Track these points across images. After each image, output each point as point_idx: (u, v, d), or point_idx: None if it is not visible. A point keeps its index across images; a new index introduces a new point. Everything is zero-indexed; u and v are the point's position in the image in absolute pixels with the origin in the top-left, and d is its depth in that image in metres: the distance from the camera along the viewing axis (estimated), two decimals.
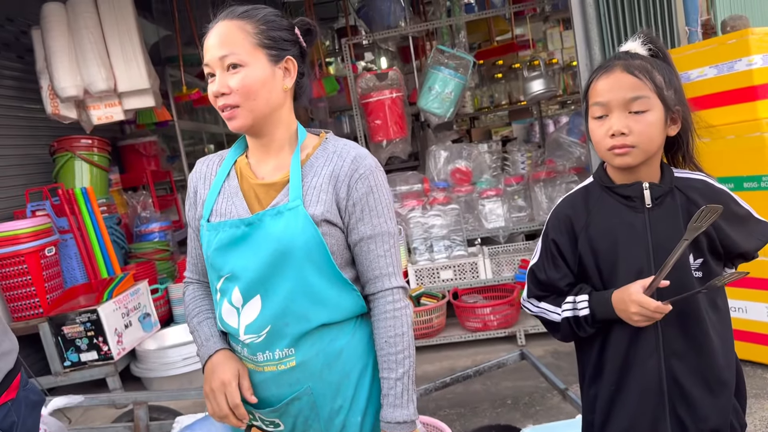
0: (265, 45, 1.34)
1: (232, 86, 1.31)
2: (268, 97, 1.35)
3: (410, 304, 1.41)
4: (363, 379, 1.40)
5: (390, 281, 1.37)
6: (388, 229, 1.38)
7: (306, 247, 1.31)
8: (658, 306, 1.26)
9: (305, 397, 1.37)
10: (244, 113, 1.33)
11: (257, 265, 1.31)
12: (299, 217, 1.31)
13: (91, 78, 4.17)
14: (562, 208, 1.46)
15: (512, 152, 4.91)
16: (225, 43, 1.31)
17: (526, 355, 3.06)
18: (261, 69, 1.33)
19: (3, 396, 1.41)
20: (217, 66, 1.32)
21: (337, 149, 1.40)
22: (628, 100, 1.31)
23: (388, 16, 5.14)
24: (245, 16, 1.34)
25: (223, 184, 1.43)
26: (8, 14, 4.86)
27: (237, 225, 1.34)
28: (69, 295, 4.04)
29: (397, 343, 1.35)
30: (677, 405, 1.35)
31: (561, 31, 7.94)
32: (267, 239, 1.31)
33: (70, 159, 4.60)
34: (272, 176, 1.39)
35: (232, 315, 1.36)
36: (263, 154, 1.42)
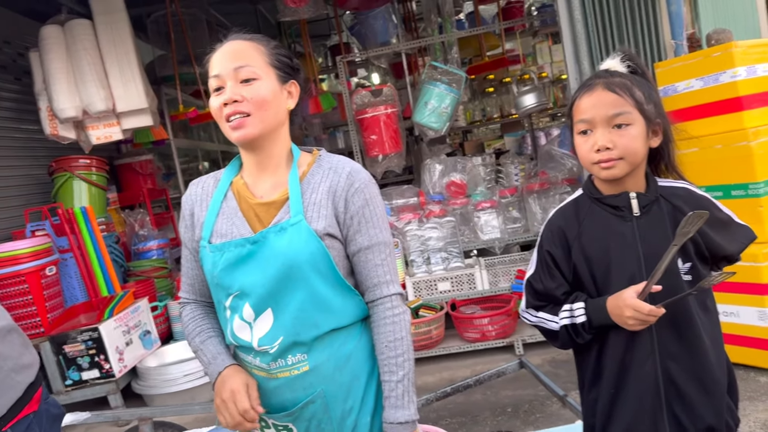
0: (275, 65, 1.42)
1: (246, 95, 1.37)
2: (276, 112, 1.42)
3: (408, 310, 1.48)
4: (371, 380, 1.47)
5: (388, 288, 1.44)
6: (384, 239, 1.44)
7: (312, 260, 1.36)
8: (651, 309, 1.32)
9: (319, 400, 1.42)
10: (255, 122, 1.38)
11: (266, 280, 1.36)
12: (302, 231, 1.37)
13: (90, 99, 4.23)
14: (555, 220, 1.53)
15: (506, 164, 4.99)
16: (240, 56, 1.39)
17: (524, 363, 3.11)
18: (271, 83, 1.40)
19: (25, 409, 1.45)
20: (230, 77, 1.37)
21: (332, 165, 1.46)
22: (611, 116, 1.38)
23: (382, 33, 5.23)
24: (257, 39, 1.44)
25: (221, 205, 1.46)
26: (5, 37, 4.92)
27: (242, 244, 1.38)
28: (70, 314, 4.07)
29: (396, 347, 1.41)
30: (674, 405, 1.41)
31: (550, 45, 8.09)
32: (273, 255, 1.36)
33: (68, 179, 4.65)
34: (271, 195, 1.44)
35: (245, 330, 1.41)
36: (260, 172, 1.47)
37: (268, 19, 7.95)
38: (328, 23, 8.08)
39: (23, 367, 1.49)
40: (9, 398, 1.42)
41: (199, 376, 4.01)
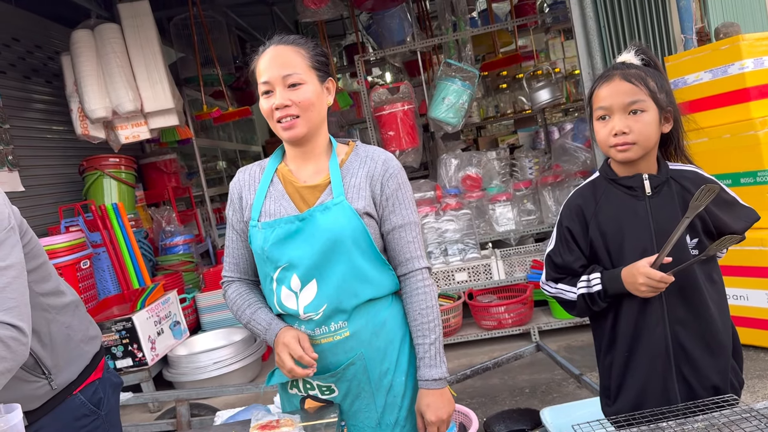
0: (315, 67, 1.58)
1: (295, 100, 1.53)
2: (320, 110, 1.59)
3: (434, 283, 1.67)
4: (404, 345, 1.65)
5: (419, 262, 1.62)
6: (414, 219, 1.62)
7: (353, 235, 1.54)
8: (662, 276, 1.46)
9: (358, 362, 1.59)
10: (303, 122, 1.55)
11: (312, 253, 1.53)
12: (345, 210, 1.54)
13: (119, 100, 4.41)
14: (574, 199, 1.67)
15: (520, 158, 5.11)
16: (287, 64, 1.54)
17: (541, 346, 3.24)
18: (315, 86, 1.57)
19: (92, 375, 1.61)
20: (279, 84, 1.54)
21: (368, 153, 1.64)
22: (627, 104, 1.52)
23: (397, 32, 5.37)
24: (298, 43, 1.59)
25: (269, 188, 1.63)
26: (36, 42, 5.12)
27: (291, 221, 1.55)
28: (103, 306, 4.25)
29: (428, 314, 1.59)
30: (682, 366, 1.55)
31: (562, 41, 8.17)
32: (319, 231, 1.53)
33: (99, 177, 4.84)
34: (314, 179, 1.62)
35: (291, 299, 1.57)
36: (303, 161, 1.64)
37: (283, 20, 8.12)
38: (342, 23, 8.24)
39: (91, 338, 1.65)
40: (78, 366, 1.58)
41: (227, 363, 4.18)
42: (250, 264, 1.70)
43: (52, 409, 1.52)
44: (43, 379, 1.49)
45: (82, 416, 1.57)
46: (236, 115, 5.65)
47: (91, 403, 1.59)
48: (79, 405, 1.57)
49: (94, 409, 1.59)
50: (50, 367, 1.50)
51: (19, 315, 1.31)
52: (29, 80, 4.91)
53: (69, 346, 1.56)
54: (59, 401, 1.53)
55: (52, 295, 1.55)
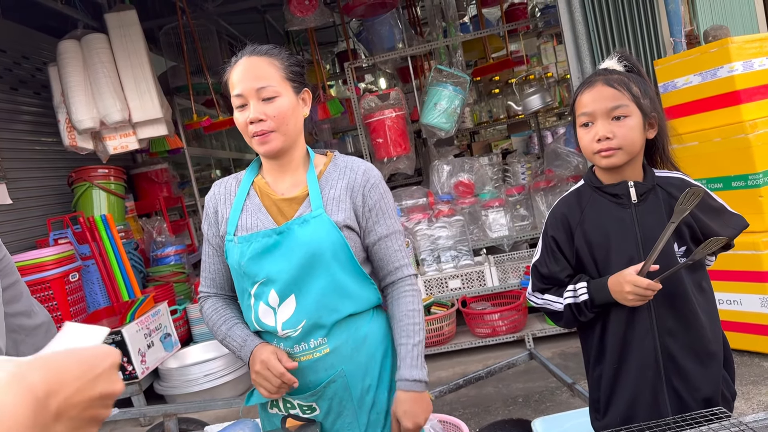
0: (290, 78, 1.54)
1: (269, 113, 1.49)
2: (296, 122, 1.55)
3: (420, 291, 1.65)
4: (386, 359, 1.61)
5: (408, 270, 1.61)
6: (398, 227, 1.61)
7: (333, 249, 1.49)
8: (649, 284, 1.43)
9: (339, 379, 1.54)
10: (278, 136, 1.51)
11: (290, 267, 1.48)
12: (324, 223, 1.50)
13: (107, 110, 4.37)
14: (558, 208, 1.64)
15: (512, 164, 5.09)
16: (260, 76, 1.49)
17: (534, 354, 3.20)
18: (290, 98, 1.53)
19: None
20: (252, 96, 1.49)
21: (347, 164, 1.60)
22: (610, 109, 1.49)
23: (388, 39, 5.35)
24: (272, 53, 1.54)
25: (245, 201, 1.59)
26: (24, 53, 5.08)
27: (269, 234, 1.50)
28: (93, 319, 4.20)
29: (414, 316, 1.57)
30: (672, 377, 1.51)
31: (554, 46, 8.18)
32: (297, 245, 1.48)
33: (88, 188, 4.79)
34: (291, 192, 1.57)
35: (269, 315, 1.52)
36: (280, 173, 1.60)
37: (275, 28, 8.10)
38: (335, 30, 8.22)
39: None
40: None
41: (219, 376, 4.13)
42: (226, 279, 1.66)
43: None
44: None
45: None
46: (227, 124, 5.61)
47: None
48: None
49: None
50: None
51: None
52: (17, 92, 4.88)
53: None
54: None
55: (22, 316, 1.50)
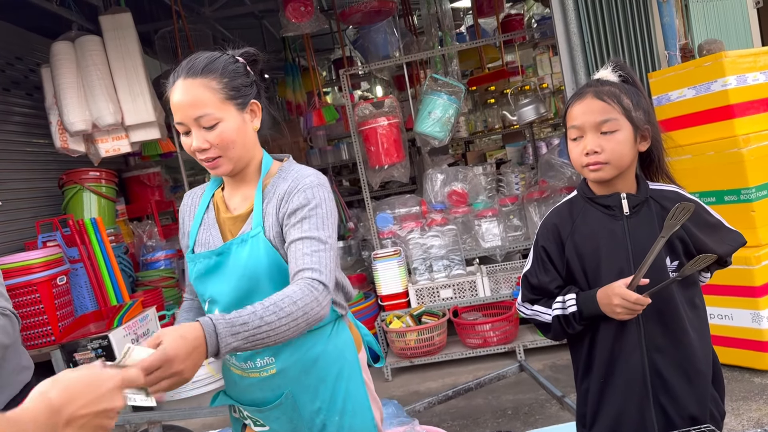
0: (231, 97, 1.44)
1: (212, 141, 1.42)
2: (244, 142, 1.48)
3: (323, 306, 1.32)
4: (339, 382, 1.53)
5: (313, 274, 1.34)
6: (319, 235, 1.39)
7: (269, 271, 1.43)
8: (638, 298, 1.41)
9: (287, 401, 1.50)
10: (226, 161, 1.45)
11: (230, 290, 1.46)
12: (260, 243, 1.44)
13: (100, 112, 4.33)
14: (550, 219, 1.62)
15: (506, 174, 5.08)
16: (197, 104, 1.40)
17: (524, 366, 3.18)
18: (233, 120, 1.44)
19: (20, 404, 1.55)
20: (193, 125, 1.41)
21: (287, 174, 1.52)
22: (599, 123, 1.47)
23: (384, 47, 5.35)
24: (207, 71, 1.42)
25: (204, 216, 1.57)
26: (17, 54, 5.05)
27: (209, 256, 1.48)
28: (80, 323, 4.15)
29: (287, 304, 1.26)
30: (659, 394, 1.49)
31: (551, 57, 8.20)
32: (236, 266, 1.45)
33: (79, 191, 4.75)
34: (241, 207, 1.53)
35: None
36: (235, 187, 1.56)
37: (273, 33, 8.10)
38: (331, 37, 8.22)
39: (23, 368, 1.62)
40: (7, 395, 1.54)
41: (207, 383, 4.08)
42: None
43: None
44: None
45: None
46: None
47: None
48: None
49: None
50: None
51: None
52: (9, 92, 4.84)
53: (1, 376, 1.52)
54: None
55: None
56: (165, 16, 5.94)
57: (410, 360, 4.23)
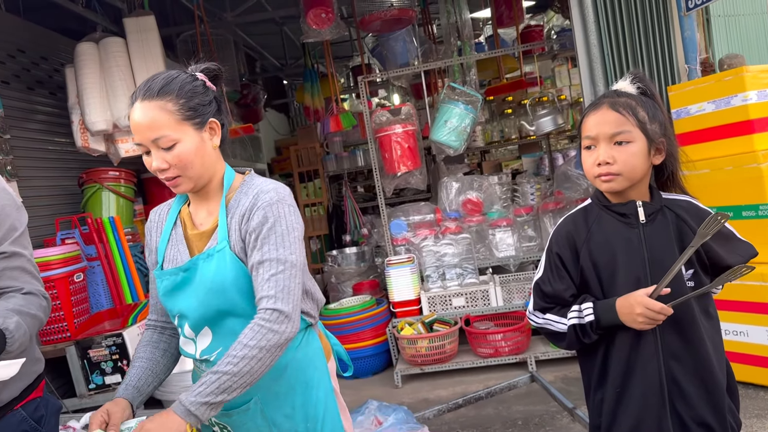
0: (188, 117, 1.46)
1: (170, 161, 1.45)
2: (202, 161, 1.50)
3: (282, 331, 1.39)
4: (309, 390, 1.56)
5: (268, 303, 1.40)
6: (278, 256, 1.42)
7: (236, 284, 1.47)
8: (662, 307, 1.41)
9: (254, 407, 1.53)
10: (185, 180, 1.49)
11: (198, 304, 1.49)
12: (226, 257, 1.47)
13: (121, 113, 4.39)
14: (564, 226, 1.62)
15: (522, 184, 5.08)
16: (153, 126, 1.43)
17: (536, 377, 3.18)
18: (191, 140, 1.46)
19: (33, 393, 1.62)
20: (151, 146, 1.46)
21: (249, 188, 1.53)
22: (612, 134, 1.48)
23: (402, 55, 5.38)
24: (163, 93, 1.45)
25: (171, 232, 1.59)
26: (42, 53, 5.14)
27: (176, 273, 1.51)
28: (95, 320, 4.19)
29: (237, 348, 1.36)
30: (676, 403, 1.49)
31: (569, 69, 8.20)
32: (202, 281, 1.48)
33: (98, 190, 4.81)
34: (206, 223, 1.56)
35: (189, 344, 1.56)
36: (199, 203, 1.59)
37: (293, 39, 8.17)
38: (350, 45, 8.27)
39: (36, 359, 1.66)
40: (23, 383, 1.58)
41: None
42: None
43: None
44: None
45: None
46: (238, 133, 5.64)
47: (32, 419, 1.59)
48: (20, 420, 1.56)
49: (35, 425, 1.59)
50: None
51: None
52: (33, 91, 4.92)
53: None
54: (0, 416, 1.53)
55: None
56: (187, 20, 6.01)
57: (421, 367, 4.22)
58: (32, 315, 1.47)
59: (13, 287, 1.49)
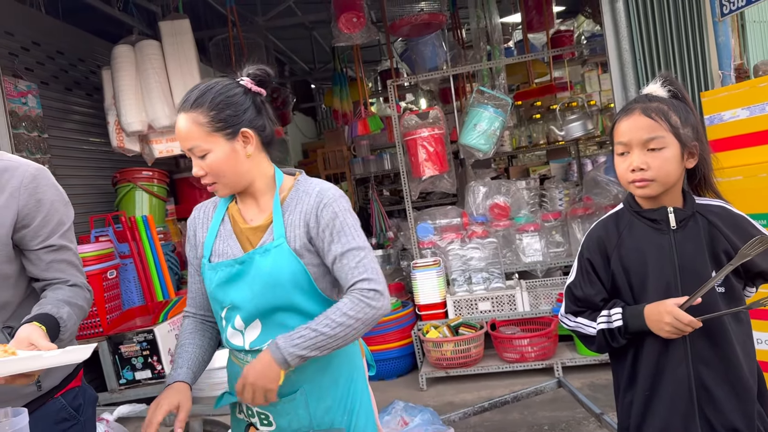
0: (218, 129, 1.53)
1: (205, 168, 1.55)
2: (235, 170, 1.57)
3: (379, 307, 1.48)
4: (350, 383, 1.64)
5: (363, 284, 1.49)
6: (357, 244, 1.53)
7: (293, 278, 1.53)
8: (691, 320, 1.41)
9: (300, 397, 1.58)
10: (221, 186, 1.59)
11: (253, 296, 1.55)
12: (284, 253, 1.54)
13: (155, 114, 4.49)
14: (595, 231, 1.63)
15: (550, 189, 5.05)
16: (188, 137, 1.54)
17: (563, 382, 3.16)
18: (221, 150, 1.54)
19: (72, 382, 1.68)
20: (189, 154, 1.57)
21: (305, 189, 1.61)
22: (646, 140, 1.48)
23: (431, 59, 5.39)
24: (196, 105, 1.53)
25: (219, 227, 1.65)
26: (80, 55, 5.28)
27: (232, 264, 1.57)
28: (127, 316, 4.28)
29: (335, 312, 1.46)
30: (705, 408, 1.48)
31: (599, 74, 8.13)
32: (258, 275, 1.54)
33: (131, 189, 4.92)
34: (258, 219, 1.62)
35: (237, 336, 1.62)
36: (247, 201, 1.66)
37: (322, 44, 8.25)
38: (379, 49, 8.34)
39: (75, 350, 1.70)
40: (62, 372, 1.64)
41: None
42: (205, 299, 1.72)
43: (35, 410, 1.56)
44: None
45: (62, 420, 1.62)
46: None
47: (71, 407, 1.64)
48: (60, 408, 1.61)
49: (74, 413, 1.64)
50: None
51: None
52: (70, 92, 5.06)
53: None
54: (42, 403, 1.58)
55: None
56: (219, 23, 6.12)
57: (446, 370, 4.23)
58: (79, 306, 1.54)
59: (60, 279, 1.56)
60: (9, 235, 1.50)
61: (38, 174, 1.56)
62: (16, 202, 1.50)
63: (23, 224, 1.51)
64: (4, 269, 1.52)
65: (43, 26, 4.80)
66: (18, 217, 1.51)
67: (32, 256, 1.54)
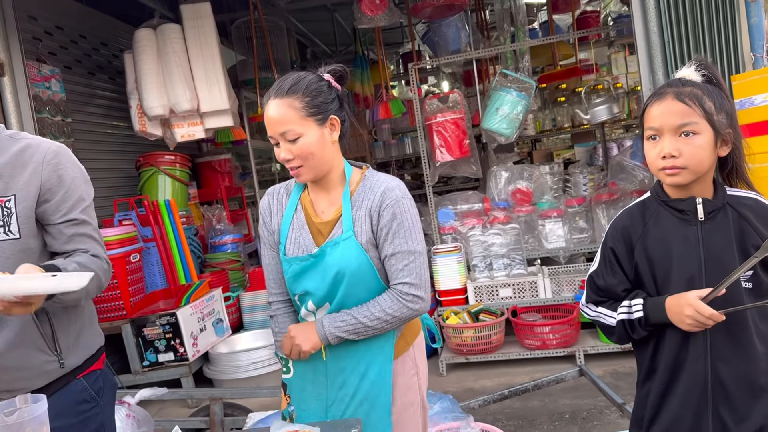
0: (311, 114, 1.66)
1: (295, 152, 1.66)
2: (322, 154, 1.69)
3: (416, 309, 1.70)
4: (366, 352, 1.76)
5: (404, 288, 1.68)
6: (408, 248, 1.68)
7: (358, 270, 1.69)
8: (712, 314, 1.36)
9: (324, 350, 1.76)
10: (307, 170, 1.70)
11: (324, 285, 1.71)
12: (352, 246, 1.68)
13: (177, 99, 4.50)
14: (621, 220, 1.58)
15: (574, 174, 4.97)
16: (282, 121, 1.65)
17: (584, 371, 3.13)
18: (313, 134, 1.66)
19: (95, 364, 1.71)
20: (280, 138, 1.67)
21: (372, 185, 1.74)
22: (678, 126, 1.42)
23: (454, 41, 5.31)
24: (292, 92, 1.65)
25: (293, 216, 1.79)
26: (102, 39, 5.30)
27: (305, 259, 1.73)
28: (150, 299, 4.34)
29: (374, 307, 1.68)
30: (720, 405, 1.44)
31: (626, 56, 7.96)
32: (329, 266, 1.69)
33: (154, 173, 4.96)
34: (328, 212, 1.76)
35: (310, 316, 1.80)
36: (319, 192, 1.79)
37: (343, 26, 8.18)
38: (401, 31, 8.23)
39: (99, 333, 1.78)
40: (85, 353, 1.68)
41: (267, 364, 4.20)
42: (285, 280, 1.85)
43: (56, 390, 1.59)
44: (55, 356, 1.58)
45: (83, 401, 1.64)
46: None
47: (92, 389, 1.67)
48: (81, 390, 1.65)
49: (94, 396, 1.67)
50: (63, 347, 1.60)
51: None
52: (93, 76, 5.09)
53: (83, 333, 1.67)
54: (64, 383, 1.62)
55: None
56: (241, 6, 6.09)
57: (466, 357, 4.21)
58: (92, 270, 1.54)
59: (81, 249, 1.60)
60: (33, 209, 1.55)
61: (60, 151, 1.61)
62: (39, 176, 1.55)
63: (45, 198, 1.56)
64: (29, 243, 1.56)
65: (67, 10, 4.82)
66: (40, 192, 1.55)
67: (53, 230, 1.58)
